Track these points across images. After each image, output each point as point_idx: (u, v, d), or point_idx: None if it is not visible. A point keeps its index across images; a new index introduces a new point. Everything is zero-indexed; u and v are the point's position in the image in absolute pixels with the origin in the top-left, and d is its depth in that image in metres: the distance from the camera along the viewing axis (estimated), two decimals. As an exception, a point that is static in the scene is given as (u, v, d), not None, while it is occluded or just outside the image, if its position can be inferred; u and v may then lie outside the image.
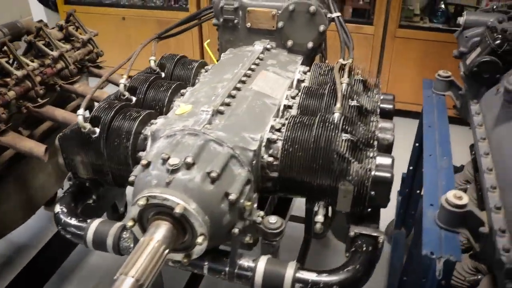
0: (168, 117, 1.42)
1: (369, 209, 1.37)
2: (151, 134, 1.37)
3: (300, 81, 1.75)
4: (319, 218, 1.38)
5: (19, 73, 1.69)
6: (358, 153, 1.34)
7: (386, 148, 1.52)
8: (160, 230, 1.13)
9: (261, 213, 1.38)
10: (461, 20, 1.93)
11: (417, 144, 2.18)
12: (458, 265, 1.29)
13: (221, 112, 1.40)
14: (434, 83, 2.03)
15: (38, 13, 4.48)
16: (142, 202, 1.14)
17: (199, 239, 1.14)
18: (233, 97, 1.49)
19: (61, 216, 1.50)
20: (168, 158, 1.18)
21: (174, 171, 1.16)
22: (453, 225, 1.27)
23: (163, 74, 1.79)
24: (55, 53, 1.85)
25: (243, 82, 1.59)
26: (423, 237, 1.25)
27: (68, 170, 1.55)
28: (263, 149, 1.37)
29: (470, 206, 1.25)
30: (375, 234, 1.37)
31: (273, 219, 1.35)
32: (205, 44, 1.97)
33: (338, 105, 1.45)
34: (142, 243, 1.10)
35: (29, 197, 2.13)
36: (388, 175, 1.31)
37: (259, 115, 1.44)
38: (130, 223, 1.19)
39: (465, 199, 1.24)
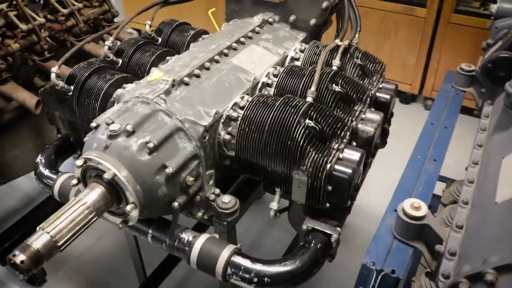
0: (139, 83, 1.40)
1: (328, 205, 1.28)
2: (115, 97, 1.37)
3: (293, 59, 1.65)
4: (273, 205, 1.31)
5: (24, 27, 1.76)
6: (319, 143, 1.24)
7: (365, 141, 1.40)
8: (93, 193, 1.13)
9: (217, 190, 1.35)
10: (493, 7, 1.70)
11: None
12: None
13: (186, 83, 1.36)
14: (455, 77, 1.83)
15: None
16: (79, 163, 1.15)
17: (128, 207, 1.13)
18: (207, 69, 1.44)
19: (39, 166, 1.57)
20: (112, 123, 1.17)
21: (112, 136, 1.15)
22: (408, 238, 1.14)
23: (160, 40, 1.77)
24: (65, 11, 1.90)
25: (225, 54, 1.53)
26: (370, 244, 1.14)
27: (50, 124, 1.61)
28: (221, 125, 1.32)
29: (429, 219, 1.11)
30: (328, 231, 1.28)
31: (226, 198, 1.32)
32: (209, 12, 1.92)
33: (313, 88, 1.35)
34: (70, 203, 1.11)
35: (43, 144, 2.25)
36: (348, 170, 1.21)
37: (226, 90, 1.38)
38: (74, 182, 1.21)
39: (423, 210, 1.10)
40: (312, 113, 1.27)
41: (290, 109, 1.24)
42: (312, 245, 1.25)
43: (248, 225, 2.59)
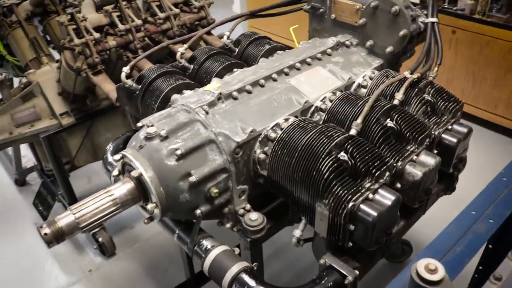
0: (197, 91, 1.47)
1: (352, 244, 1.21)
2: (172, 101, 1.45)
3: (360, 86, 1.58)
4: (297, 232, 1.28)
5: (121, 26, 1.96)
6: (349, 178, 1.18)
7: (411, 185, 1.28)
8: (122, 187, 1.23)
9: (248, 206, 1.36)
10: None
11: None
12: None
13: (235, 98, 1.38)
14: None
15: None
16: (117, 157, 1.26)
17: (149, 206, 1.21)
18: (261, 86, 1.45)
19: (107, 152, 1.74)
20: (151, 126, 1.25)
21: (148, 138, 1.23)
22: (422, 301, 1.03)
23: (236, 51, 1.83)
24: (161, 15, 2.07)
25: (286, 74, 1.52)
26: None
27: (123, 116, 1.77)
28: (257, 144, 1.32)
29: (445, 285, 0.98)
30: (343, 272, 1.21)
31: (254, 215, 1.33)
32: (290, 29, 1.92)
33: (359, 120, 1.29)
34: (100, 193, 1.22)
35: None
36: (373, 213, 1.13)
37: (272, 110, 1.38)
38: (114, 173, 1.32)
39: (439, 274, 0.98)
40: (349, 146, 1.20)
41: (323, 138, 1.20)
42: (323, 281, 1.19)
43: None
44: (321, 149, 1.17)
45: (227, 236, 1.46)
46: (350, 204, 1.13)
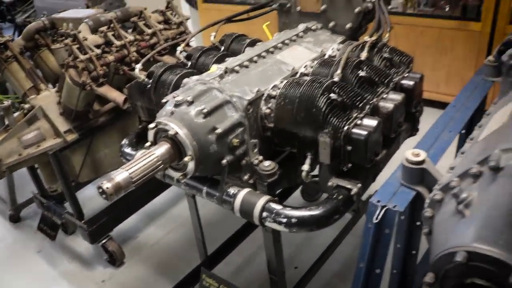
0: (202, 75, 1.77)
1: (350, 165, 1.52)
2: (183, 85, 1.74)
3: (330, 56, 1.94)
4: (305, 167, 1.58)
5: (118, 43, 2.25)
6: (340, 111, 1.50)
7: (386, 116, 1.63)
8: (161, 149, 1.48)
9: (260, 157, 1.64)
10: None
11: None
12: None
13: (237, 71, 1.70)
14: (485, 69, 1.99)
15: (186, 11, 5.37)
16: (152, 125, 1.53)
17: (187, 158, 1.47)
18: (255, 62, 1.78)
19: (123, 146, 1.99)
20: (178, 96, 1.53)
21: (177, 105, 1.51)
22: (412, 183, 1.34)
23: (222, 48, 2.15)
24: (149, 31, 2.38)
25: (271, 52, 1.86)
26: (379, 189, 1.36)
27: (134, 113, 2.03)
28: (263, 102, 1.63)
29: (427, 165, 1.31)
30: (348, 186, 1.52)
31: (267, 163, 1.61)
32: (263, 26, 2.28)
33: (338, 71, 1.63)
34: (144, 154, 1.47)
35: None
36: (364, 132, 1.46)
37: (269, 77, 1.70)
38: (147, 144, 1.58)
39: (422, 156, 1.31)
40: (335, 88, 1.54)
41: (315, 84, 1.53)
42: (334, 196, 1.49)
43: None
44: (316, 91, 1.50)
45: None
46: (345, 128, 1.45)
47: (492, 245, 0.84)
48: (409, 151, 1.33)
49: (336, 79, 1.61)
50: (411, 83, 1.78)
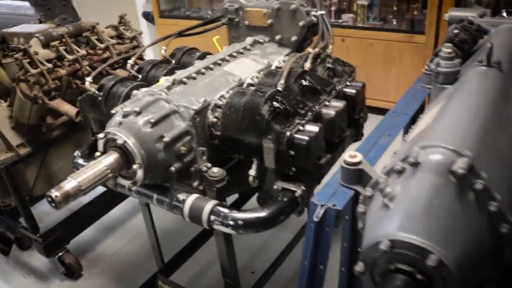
0: (150, 87, 1.82)
1: (295, 169, 1.60)
2: (132, 96, 1.79)
3: (277, 68, 2.03)
4: (252, 172, 1.65)
5: (70, 57, 2.27)
6: (283, 119, 1.59)
7: (328, 122, 1.73)
8: (109, 158, 1.52)
9: (209, 164, 1.70)
10: (446, 16, 2.02)
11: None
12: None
13: (184, 83, 1.76)
14: (423, 77, 2.13)
15: (143, 26, 5.42)
16: (101, 135, 1.56)
17: (135, 166, 1.51)
18: (202, 73, 1.85)
19: (76, 159, 2.00)
20: (126, 107, 1.58)
21: (125, 116, 1.55)
22: (350, 183, 1.43)
23: (173, 61, 2.21)
24: (101, 45, 2.42)
25: (219, 64, 1.94)
26: (320, 190, 1.44)
27: (85, 125, 2.05)
28: (209, 111, 1.69)
29: (363, 165, 1.40)
30: (293, 188, 1.60)
31: (216, 169, 1.67)
32: (213, 39, 2.35)
33: (282, 81, 1.72)
34: (93, 163, 1.50)
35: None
36: (305, 137, 1.54)
37: (216, 87, 1.77)
38: (98, 154, 1.61)
39: (358, 158, 1.40)
40: (278, 97, 1.62)
41: (259, 93, 1.61)
42: (279, 198, 1.57)
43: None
44: (259, 100, 1.58)
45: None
46: (287, 134, 1.53)
47: (412, 233, 0.93)
48: (346, 153, 1.42)
49: (279, 88, 1.70)
50: (353, 91, 1.89)
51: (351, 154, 1.41)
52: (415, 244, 0.90)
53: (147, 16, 5.22)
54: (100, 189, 3.01)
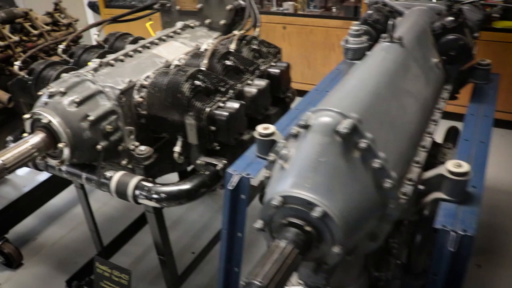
0: (80, 70, 1.87)
1: (217, 145, 1.70)
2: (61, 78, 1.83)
3: (205, 50, 2.11)
4: (177, 148, 1.74)
5: (1, 43, 2.27)
6: (204, 96, 1.68)
7: (250, 100, 1.83)
8: (35, 137, 1.57)
9: (136, 143, 1.77)
10: (366, 0, 2.16)
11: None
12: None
13: (112, 65, 1.83)
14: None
15: (90, 16, 5.37)
16: (27, 116, 1.61)
17: (61, 145, 1.57)
18: (130, 56, 1.91)
19: (8, 143, 2.02)
20: (52, 88, 1.63)
21: (50, 96, 1.61)
22: (264, 153, 1.53)
23: (106, 47, 2.26)
24: (35, 32, 2.43)
25: (148, 47, 2.00)
26: (237, 161, 1.54)
27: (17, 111, 2.07)
28: (135, 91, 1.76)
29: (276, 136, 1.51)
30: (214, 162, 1.70)
31: (143, 147, 1.74)
32: (146, 24, 2.42)
33: (205, 61, 1.81)
34: (19, 143, 1.55)
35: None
36: (225, 113, 1.64)
37: (142, 69, 1.84)
38: (25, 134, 1.65)
39: (271, 129, 1.50)
40: (200, 75, 1.72)
41: (181, 72, 1.70)
42: (201, 172, 1.66)
43: (202, 211, 2.99)
44: (181, 78, 1.67)
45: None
46: (207, 110, 1.63)
47: (301, 189, 1.03)
48: (260, 126, 1.52)
49: (202, 68, 1.79)
50: (277, 71, 2.01)
51: (265, 126, 1.52)
52: (303, 198, 1.00)
53: (93, 6, 5.17)
54: (40, 178, 3.04)
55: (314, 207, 0.98)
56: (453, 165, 1.23)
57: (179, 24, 2.22)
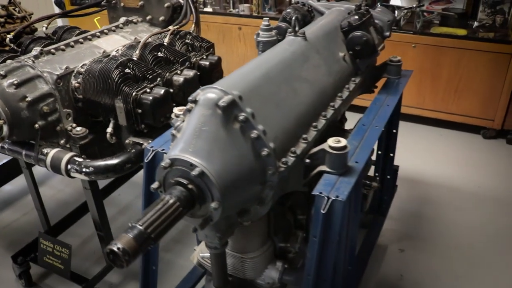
0: (21, 57, 2.05)
1: (145, 127, 1.91)
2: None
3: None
4: (109, 129, 1.94)
5: (-45, 33, 2.45)
6: (133, 82, 1.89)
7: (178, 87, 2.05)
8: (-26, 115, 1.76)
9: (74, 125, 1.97)
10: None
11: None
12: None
13: (53, 53, 2.02)
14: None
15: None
16: (-32, 98, 1.79)
17: (0, 121, 1.76)
18: (72, 46, 2.11)
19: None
20: (-8, 72, 1.81)
21: (-9, 79, 1.79)
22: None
23: (55, 39, 2.44)
24: (-11, 23, 2.60)
25: (89, 39, 2.20)
26: (157, 138, 1.74)
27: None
28: (72, 77, 1.96)
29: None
30: (140, 142, 1.91)
31: (79, 128, 1.94)
32: (95, 19, 2.61)
33: (137, 52, 2.02)
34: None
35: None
36: (150, 97, 1.85)
37: (81, 58, 2.04)
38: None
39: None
40: (130, 64, 1.92)
41: (112, 61, 1.90)
42: (129, 150, 1.87)
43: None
44: (111, 66, 1.87)
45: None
46: (134, 94, 1.84)
47: (185, 153, 1.24)
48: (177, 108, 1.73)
49: (134, 58, 2.00)
50: (207, 63, 2.23)
51: (180, 108, 1.73)
52: (185, 160, 1.21)
53: (59, 4, 5.32)
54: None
55: (194, 167, 1.18)
56: (333, 141, 1.46)
57: (122, 20, 2.42)
